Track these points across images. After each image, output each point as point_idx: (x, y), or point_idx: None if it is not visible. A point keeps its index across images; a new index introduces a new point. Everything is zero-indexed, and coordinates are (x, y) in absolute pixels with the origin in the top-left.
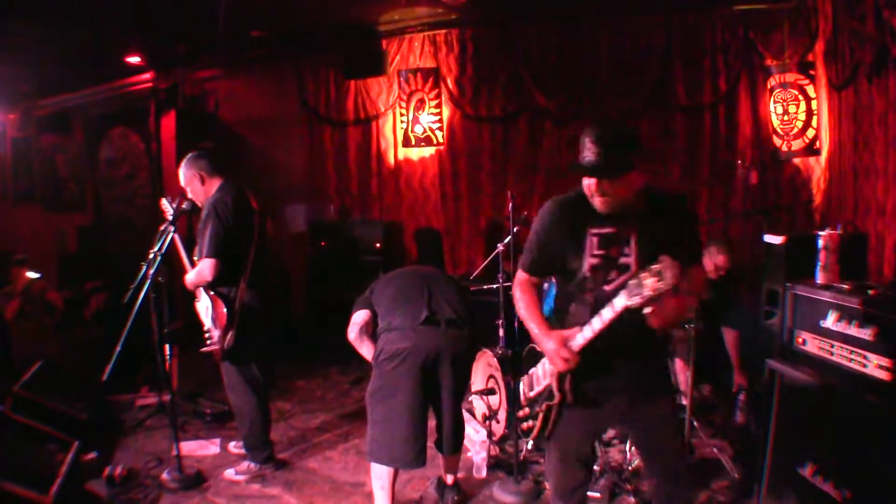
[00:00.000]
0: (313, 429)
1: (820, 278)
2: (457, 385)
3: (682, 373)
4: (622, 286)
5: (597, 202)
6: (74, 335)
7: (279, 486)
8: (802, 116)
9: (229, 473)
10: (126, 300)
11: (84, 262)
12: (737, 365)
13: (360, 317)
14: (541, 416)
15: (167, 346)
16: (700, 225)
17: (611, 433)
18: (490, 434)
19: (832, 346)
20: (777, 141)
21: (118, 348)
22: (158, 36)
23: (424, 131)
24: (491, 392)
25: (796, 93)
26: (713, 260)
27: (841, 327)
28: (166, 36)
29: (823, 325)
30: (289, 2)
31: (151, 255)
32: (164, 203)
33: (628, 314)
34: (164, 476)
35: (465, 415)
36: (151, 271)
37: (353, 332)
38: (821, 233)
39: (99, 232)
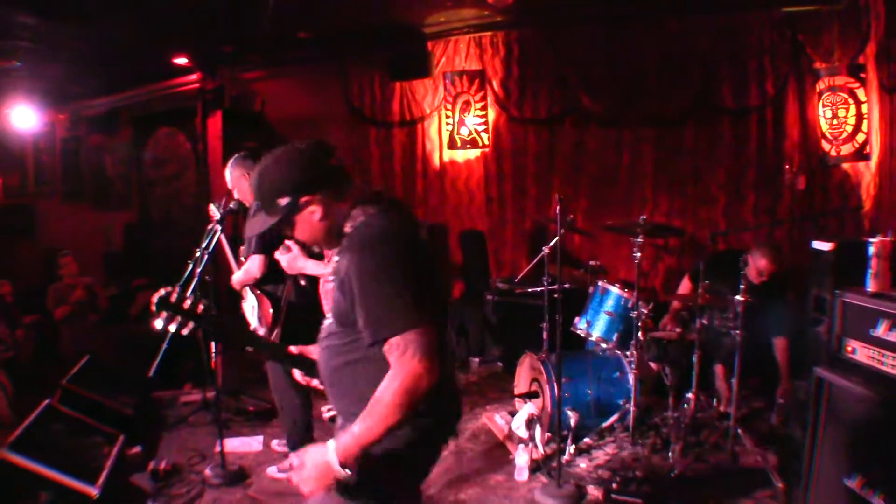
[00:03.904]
0: None
1: (871, 286)
2: None
3: (724, 379)
4: None
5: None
6: (120, 331)
7: None
8: (852, 120)
9: (272, 471)
10: None
11: (130, 260)
12: (786, 374)
13: None
14: None
15: (212, 344)
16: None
17: (654, 439)
18: (532, 437)
19: (883, 355)
20: (826, 145)
21: (164, 345)
22: (205, 37)
23: (470, 133)
24: (534, 395)
25: (846, 96)
26: (756, 264)
27: (893, 336)
28: (213, 37)
29: (874, 334)
30: (334, 4)
31: (198, 254)
32: (213, 208)
33: None
34: (208, 472)
35: (508, 417)
36: (199, 269)
37: None
38: (872, 239)
39: (145, 230)
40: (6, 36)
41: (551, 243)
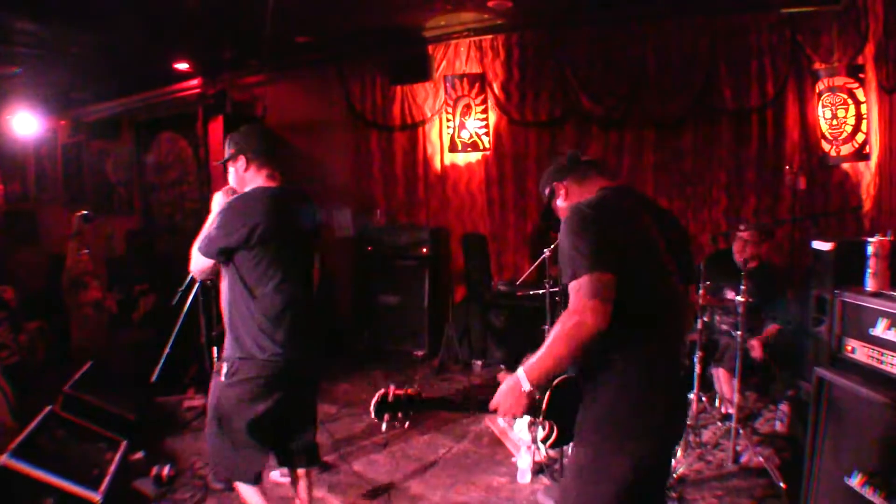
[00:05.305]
0: (358, 432)
1: (870, 285)
2: None
3: (727, 381)
4: None
5: None
6: (122, 337)
7: (323, 488)
8: (851, 121)
9: (274, 475)
10: (174, 303)
11: (132, 265)
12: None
13: None
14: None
15: (215, 349)
16: None
17: None
18: (535, 439)
19: (882, 354)
20: (825, 146)
21: (167, 350)
22: (206, 43)
23: (471, 136)
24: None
25: (845, 97)
26: (741, 235)
27: (891, 335)
28: (214, 42)
29: (873, 334)
30: (335, 8)
31: None
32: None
33: None
34: (210, 477)
35: (509, 420)
36: None
37: None
38: (870, 239)
39: (147, 235)
40: (6, 42)
41: (553, 245)
